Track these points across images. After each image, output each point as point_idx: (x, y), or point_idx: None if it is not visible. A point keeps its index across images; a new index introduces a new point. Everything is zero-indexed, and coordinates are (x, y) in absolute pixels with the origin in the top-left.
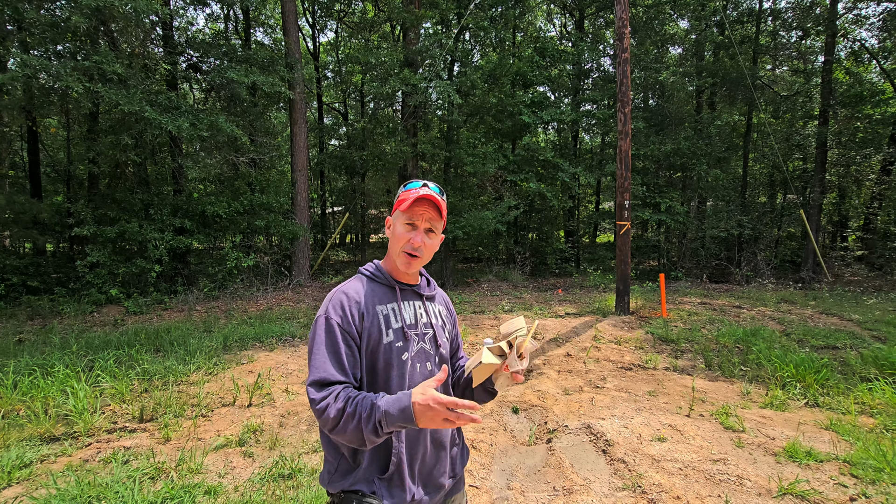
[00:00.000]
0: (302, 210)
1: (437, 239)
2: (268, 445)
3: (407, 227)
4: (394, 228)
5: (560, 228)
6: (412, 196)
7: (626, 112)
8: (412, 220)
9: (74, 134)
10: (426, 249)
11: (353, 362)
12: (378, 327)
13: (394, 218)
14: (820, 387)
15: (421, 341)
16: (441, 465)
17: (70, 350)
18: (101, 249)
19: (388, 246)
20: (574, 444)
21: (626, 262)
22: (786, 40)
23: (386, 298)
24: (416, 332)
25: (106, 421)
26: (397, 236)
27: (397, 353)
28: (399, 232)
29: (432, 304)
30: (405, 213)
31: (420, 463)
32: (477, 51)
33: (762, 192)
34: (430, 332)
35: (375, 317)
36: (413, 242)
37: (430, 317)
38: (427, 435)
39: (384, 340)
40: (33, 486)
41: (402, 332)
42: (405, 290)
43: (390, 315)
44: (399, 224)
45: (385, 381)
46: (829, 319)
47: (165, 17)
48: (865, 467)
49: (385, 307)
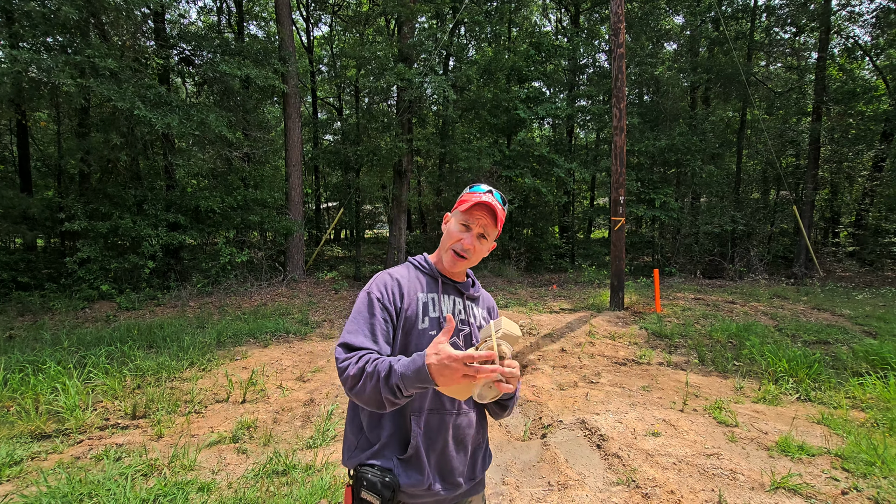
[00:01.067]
0: (296, 205)
1: (489, 245)
2: (262, 442)
3: (461, 228)
4: (449, 225)
5: (555, 224)
6: (473, 199)
7: (621, 108)
8: (468, 223)
9: (65, 128)
10: (475, 253)
11: (385, 336)
12: (415, 311)
13: (452, 215)
14: (812, 381)
15: (455, 336)
16: (460, 465)
17: (61, 346)
18: (92, 245)
19: (440, 241)
20: (569, 439)
21: (621, 257)
22: (780, 37)
23: (428, 288)
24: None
25: (98, 418)
26: (450, 234)
27: (429, 340)
28: (453, 230)
29: (474, 304)
30: (463, 214)
31: (439, 455)
32: (472, 45)
33: (755, 189)
34: (467, 329)
35: (414, 301)
36: (463, 243)
37: (469, 315)
38: (449, 430)
39: (419, 326)
40: (24, 483)
41: (438, 323)
42: (447, 285)
43: (429, 304)
44: (455, 223)
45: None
46: (820, 315)
47: (157, 9)
48: (857, 461)
49: (425, 295)
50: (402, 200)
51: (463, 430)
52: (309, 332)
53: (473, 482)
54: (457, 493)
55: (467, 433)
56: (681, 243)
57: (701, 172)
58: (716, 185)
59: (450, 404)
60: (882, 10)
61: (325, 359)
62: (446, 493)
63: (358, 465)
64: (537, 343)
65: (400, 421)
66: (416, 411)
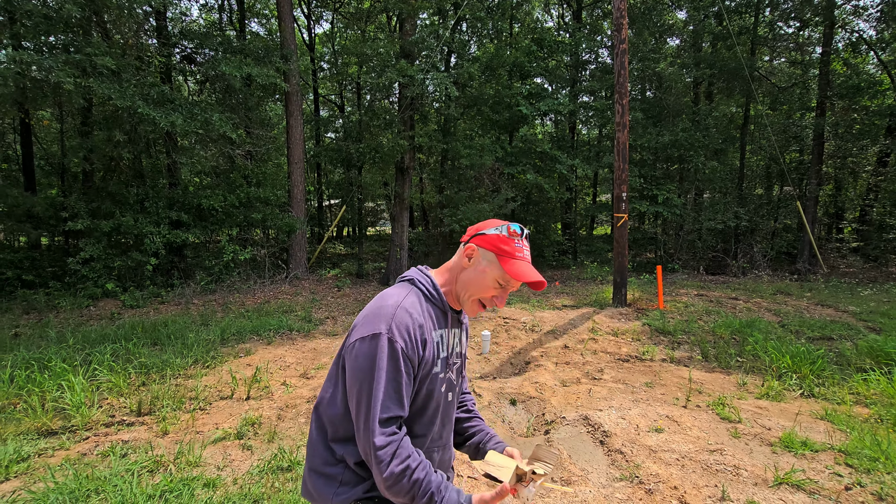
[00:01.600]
0: (298, 203)
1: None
2: (266, 438)
3: (497, 285)
4: (480, 268)
5: (557, 221)
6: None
7: (623, 103)
8: (508, 285)
9: (68, 126)
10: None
11: (410, 395)
12: (431, 355)
13: (484, 257)
14: (815, 377)
15: (451, 371)
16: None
17: (67, 344)
18: (95, 243)
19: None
20: (572, 435)
21: (624, 254)
22: (784, 31)
23: (438, 323)
24: (451, 361)
25: (103, 415)
26: (481, 284)
27: (439, 383)
28: (486, 282)
29: (463, 330)
30: (505, 274)
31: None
32: (474, 42)
33: (759, 184)
34: (459, 362)
35: (432, 344)
36: (497, 303)
37: (462, 346)
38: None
39: (433, 371)
40: (31, 479)
41: (446, 363)
42: (454, 318)
43: (440, 343)
44: (490, 274)
45: (422, 410)
46: (824, 311)
47: (159, 7)
48: (860, 457)
49: (436, 333)
50: (404, 198)
51: (446, 462)
52: (312, 330)
53: None
54: None
55: (449, 465)
56: (684, 239)
57: (704, 168)
58: (719, 181)
59: (442, 439)
60: (887, 4)
61: (329, 356)
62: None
63: (354, 500)
64: (540, 340)
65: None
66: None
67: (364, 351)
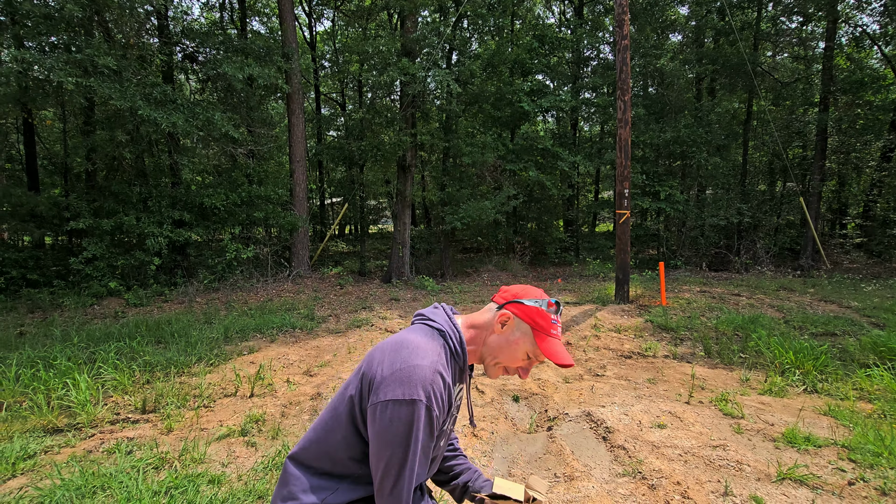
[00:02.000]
0: (300, 201)
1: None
2: (270, 435)
3: (526, 357)
4: (514, 339)
5: (559, 218)
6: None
7: (625, 100)
8: (536, 359)
9: (70, 126)
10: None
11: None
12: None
13: (518, 328)
14: (819, 373)
15: (449, 423)
16: None
17: (71, 342)
18: (98, 242)
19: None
20: (574, 431)
21: (626, 250)
22: (787, 26)
23: (455, 379)
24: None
25: (108, 412)
26: (512, 355)
27: (445, 435)
28: (517, 354)
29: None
30: (538, 350)
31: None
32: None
33: (762, 180)
34: (457, 413)
35: (454, 404)
36: (521, 374)
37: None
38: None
39: (444, 427)
40: (38, 476)
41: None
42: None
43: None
44: (522, 347)
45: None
46: (827, 306)
47: (160, 7)
48: (864, 452)
49: (454, 389)
50: (406, 195)
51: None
52: (315, 327)
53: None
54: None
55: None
56: (686, 236)
57: (706, 164)
58: (721, 177)
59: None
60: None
61: (332, 353)
62: None
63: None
64: None
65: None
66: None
67: (401, 417)
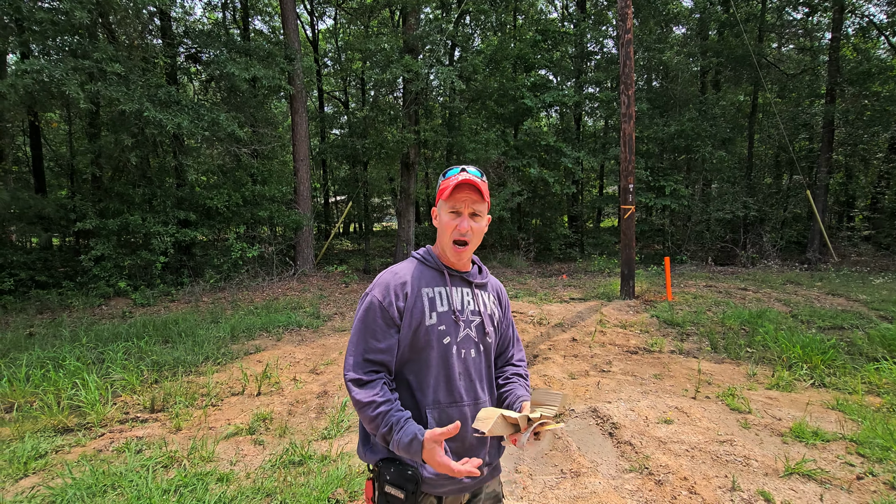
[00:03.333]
0: (305, 200)
1: (484, 221)
2: (277, 433)
3: (451, 216)
4: (440, 218)
5: (564, 214)
6: (452, 183)
7: (629, 94)
8: (456, 208)
9: (76, 128)
10: (474, 234)
11: (389, 340)
12: (421, 308)
13: (438, 208)
14: (826, 367)
15: (467, 328)
16: (480, 453)
17: (80, 343)
18: (104, 243)
19: (436, 235)
20: (581, 427)
21: (631, 246)
22: (792, 17)
23: (434, 282)
24: (463, 318)
25: (118, 411)
26: (444, 225)
27: (439, 335)
28: (445, 221)
29: (482, 291)
30: (448, 202)
31: (458, 445)
32: (477, 35)
33: (768, 174)
34: (478, 319)
35: (419, 298)
36: (460, 229)
37: (479, 304)
38: (468, 421)
39: (426, 322)
40: (49, 475)
41: (447, 316)
42: (454, 276)
43: (436, 298)
44: (444, 213)
45: (425, 362)
46: (835, 300)
47: (163, 7)
48: (872, 446)
49: (431, 290)
50: (409, 193)
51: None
52: (321, 325)
53: (491, 467)
54: (475, 479)
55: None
56: (692, 230)
57: (711, 158)
58: (727, 171)
59: (466, 396)
60: None
61: (338, 351)
62: (469, 480)
63: (379, 460)
64: (548, 333)
65: (416, 415)
66: (432, 405)
67: (360, 305)
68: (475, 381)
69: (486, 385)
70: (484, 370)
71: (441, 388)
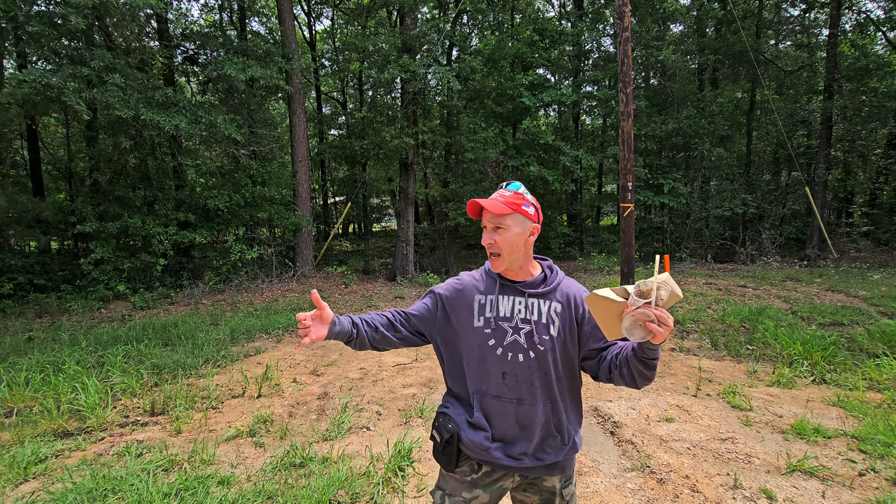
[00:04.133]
0: (304, 201)
1: (511, 232)
2: (278, 435)
3: (483, 232)
4: None
5: (563, 212)
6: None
7: (627, 92)
8: (483, 225)
9: (74, 131)
10: (500, 245)
11: (430, 313)
12: (468, 310)
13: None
14: (827, 364)
15: (515, 334)
16: (524, 446)
17: (79, 346)
18: (104, 245)
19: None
20: (582, 426)
21: (631, 244)
22: (789, 14)
23: (488, 290)
24: (511, 324)
25: (118, 415)
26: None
27: (483, 338)
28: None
29: (541, 300)
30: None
31: (503, 432)
32: (475, 34)
33: (766, 171)
34: (528, 327)
35: (470, 301)
36: (484, 242)
37: (530, 313)
38: (511, 416)
39: (474, 324)
40: (49, 480)
41: (492, 322)
42: (506, 286)
43: (486, 304)
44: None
45: (475, 358)
46: (835, 296)
47: (160, 10)
48: (874, 442)
49: (484, 297)
50: (409, 193)
51: (527, 418)
52: None
53: (542, 463)
54: (521, 466)
55: (532, 421)
56: (691, 228)
57: (710, 156)
58: (726, 168)
59: (511, 394)
60: None
61: (338, 353)
62: (508, 462)
63: (441, 406)
64: None
65: (466, 398)
66: (478, 392)
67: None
68: (522, 383)
69: (542, 390)
70: (537, 376)
71: (485, 382)
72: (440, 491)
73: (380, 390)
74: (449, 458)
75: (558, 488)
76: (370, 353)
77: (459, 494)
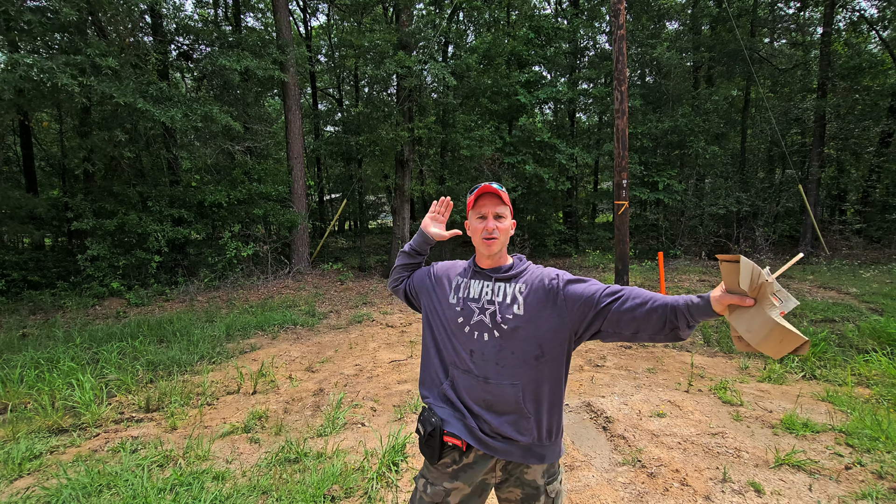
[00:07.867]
0: (299, 198)
1: (508, 222)
2: (273, 431)
3: (479, 221)
4: (471, 226)
5: (558, 210)
6: (476, 194)
7: (622, 90)
8: (481, 213)
9: (67, 127)
10: (500, 232)
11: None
12: (446, 286)
13: (468, 219)
14: (817, 360)
15: (481, 314)
16: (493, 421)
17: (74, 343)
18: (100, 242)
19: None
20: (575, 421)
21: (625, 241)
22: (784, 12)
23: (464, 274)
24: (478, 305)
25: (113, 412)
26: (474, 230)
27: (454, 314)
28: (474, 226)
29: (506, 283)
30: (475, 210)
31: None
32: (471, 31)
33: (761, 168)
34: (493, 308)
35: (451, 280)
36: (487, 228)
37: (495, 295)
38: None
39: (450, 299)
40: (44, 476)
41: (462, 302)
42: (477, 272)
43: (461, 285)
44: (473, 220)
45: (448, 330)
46: (826, 293)
47: (154, 4)
48: (861, 437)
49: (461, 279)
50: (404, 190)
51: (493, 396)
52: (316, 324)
53: (512, 444)
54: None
55: (498, 400)
56: (685, 225)
57: (705, 153)
58: (720, 166)
59: (478, 371)
60: None
61: (333, 349)
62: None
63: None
64: None
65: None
66: (452, 364)
67: None
68: (488, 362)
69: (509, 370)
70: (504, 356)
71: (457, 356)
72: (423, 479)
73: (375, 386)
74: (433, 451)
75: (541, 484)
76: (365, 351)
77: (441, 484)
